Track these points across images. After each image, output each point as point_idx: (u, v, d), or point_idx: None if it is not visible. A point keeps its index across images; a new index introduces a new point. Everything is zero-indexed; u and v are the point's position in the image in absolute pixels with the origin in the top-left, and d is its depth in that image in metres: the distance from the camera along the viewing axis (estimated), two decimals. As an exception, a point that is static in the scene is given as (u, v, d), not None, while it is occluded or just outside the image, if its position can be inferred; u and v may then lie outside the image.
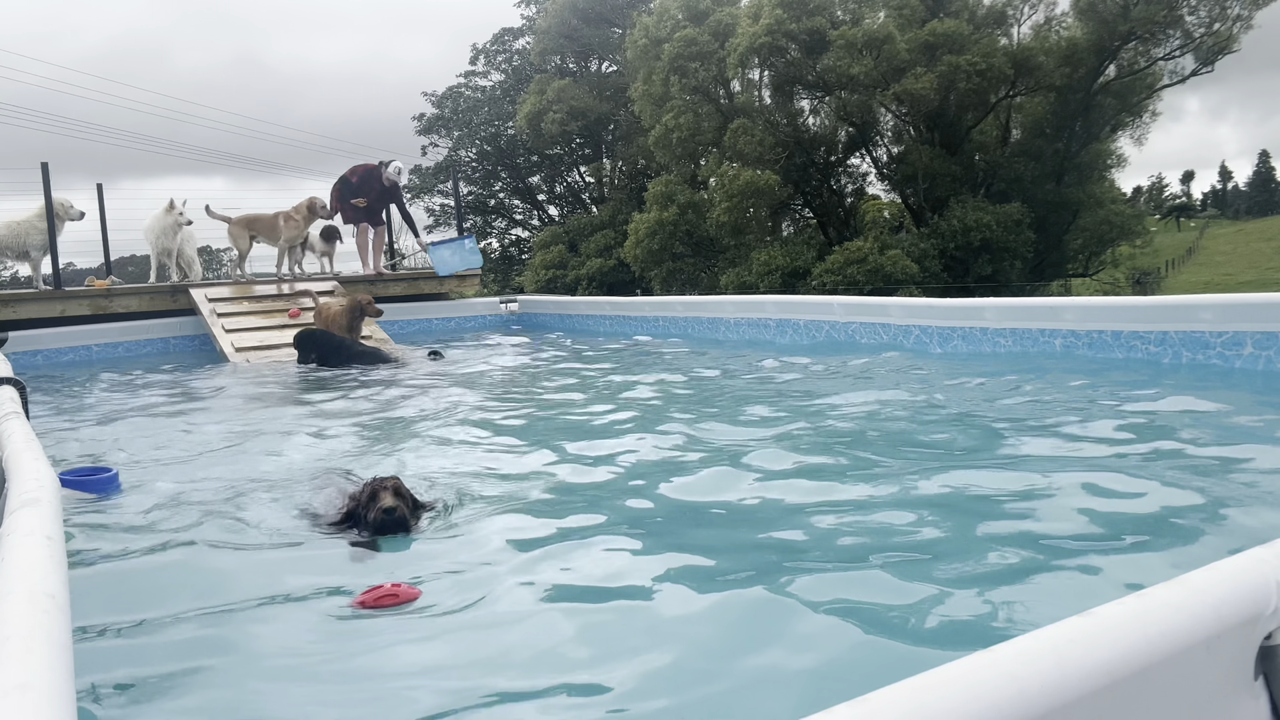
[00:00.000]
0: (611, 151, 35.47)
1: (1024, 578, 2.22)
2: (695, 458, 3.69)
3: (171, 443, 4.72)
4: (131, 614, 2.27)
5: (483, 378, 6.92)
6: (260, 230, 11.26)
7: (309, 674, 1.95)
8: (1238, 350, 5.08)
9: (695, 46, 25.39)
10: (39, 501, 2.00)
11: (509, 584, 2.35)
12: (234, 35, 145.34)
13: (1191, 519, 2.61)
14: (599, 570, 2.44)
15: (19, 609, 1.31)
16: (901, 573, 2.27)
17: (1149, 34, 23.99)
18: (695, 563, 2.45)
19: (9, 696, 1.03)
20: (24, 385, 4.19)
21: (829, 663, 1.87)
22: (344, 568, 2.60)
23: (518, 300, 12.51)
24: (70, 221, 10.36)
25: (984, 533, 2.56)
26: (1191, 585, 1.19)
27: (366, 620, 2.17)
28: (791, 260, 24.14)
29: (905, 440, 3.86)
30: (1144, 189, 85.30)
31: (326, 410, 5.70)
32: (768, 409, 4.73)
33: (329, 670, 1.96)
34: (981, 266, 23.76)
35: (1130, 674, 1.04)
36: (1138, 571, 2.22)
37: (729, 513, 2.96)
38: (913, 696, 0.93)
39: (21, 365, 6.73)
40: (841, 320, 7.55)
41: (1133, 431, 3.70)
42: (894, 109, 25.63)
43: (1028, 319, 6.18)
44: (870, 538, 2.58)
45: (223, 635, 2.15)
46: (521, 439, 4.36)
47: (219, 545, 2.81)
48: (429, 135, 38.38)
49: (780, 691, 1.76)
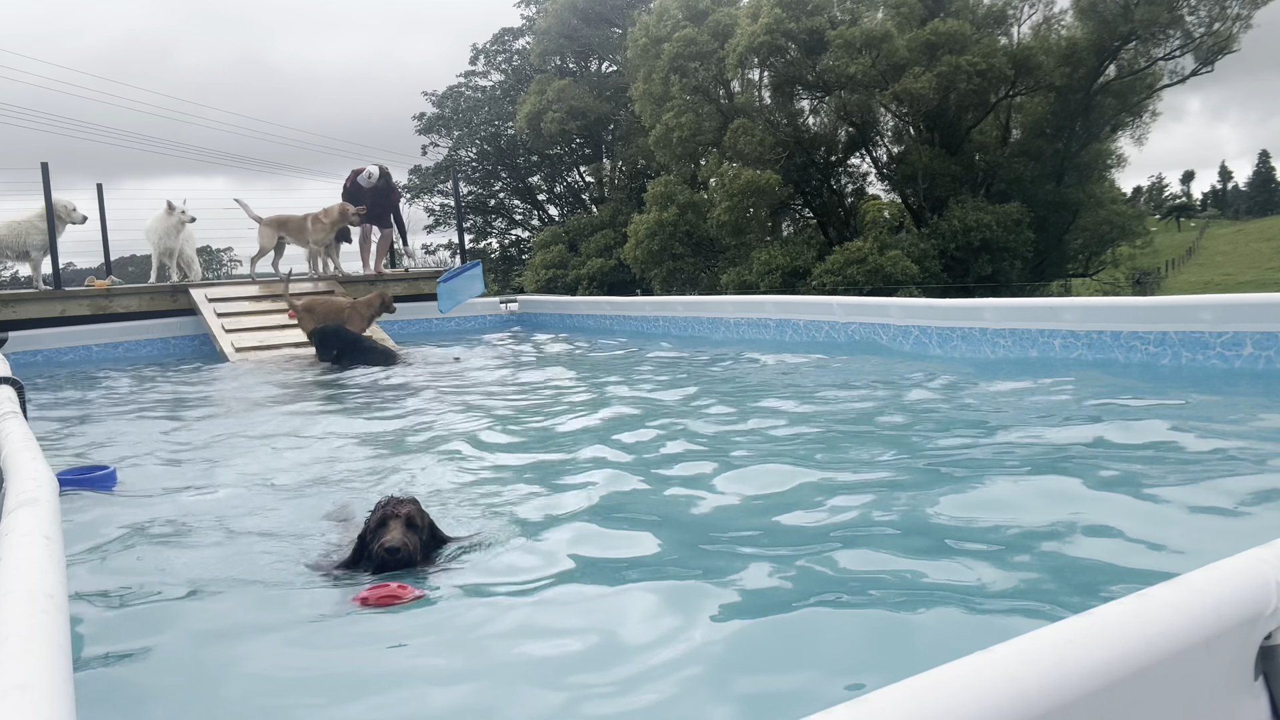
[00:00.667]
0: (611, 151, 35.44)
1: (1023, 578, 2.22)
2: (692, 457, 3.69)
3: (171, 443, 4.72)
4: (131, 614, 2.26)
5: (486, 380, 6.91)
6: (290, 232, 11.27)
7: (310, 674, 1.95)
8: (1237, 350, 5.08)
9: (695, 46, 25.37)
10: (37, 501, 2.00)
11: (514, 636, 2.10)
12: (236, 35, 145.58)
13: (1191, 519, 2.61)
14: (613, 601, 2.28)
15: (18, 609, 1.31)
16: (901, 572, 2.27)
17: (1149, 34, 23.97)
18: (707, 586, 2.31)
19: (8, 696, 1.03)
20: (22, 385, 4.19)
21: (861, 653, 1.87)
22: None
23: (518, 300, 12.50)
24: (73, 225, 10.37)
25: (984, 533, 2.56)
26: (1191, 585, 1.19)
27: (368, 624, 2.16)
28: (792, 260, 24.12)
29: (906, 440, 3.86)
30: (1144, 189, 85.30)
31: (326, 410, 5.69)
32: (788, 412, 4.73)
33: (332, 672, 1.96)
34: (981, 266, 23.75)
35: (1130, 674, 1.04)
36: (1138, 571, 2.22)
37: (763, 532, 2.95)
38: (913, 696, 0.93)
39: (21, 365, 6.73)
40: (841, 320, 7.56)
41: (1132, 431, 3.70)
42: (894, 109, 25.60)
43: (1027, 319, 6.18)
44: (871, 536, 2.58)
45: (222, 636, 2.15)
46: (531, 447, 4.36)
47: (219, 546, 2.81)
48: (429, 135, 38.38)
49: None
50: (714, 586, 2.24)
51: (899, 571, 2.28)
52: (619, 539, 2.70)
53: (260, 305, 10.29)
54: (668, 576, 2.35)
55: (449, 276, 10.44)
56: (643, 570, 2.42)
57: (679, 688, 1.77)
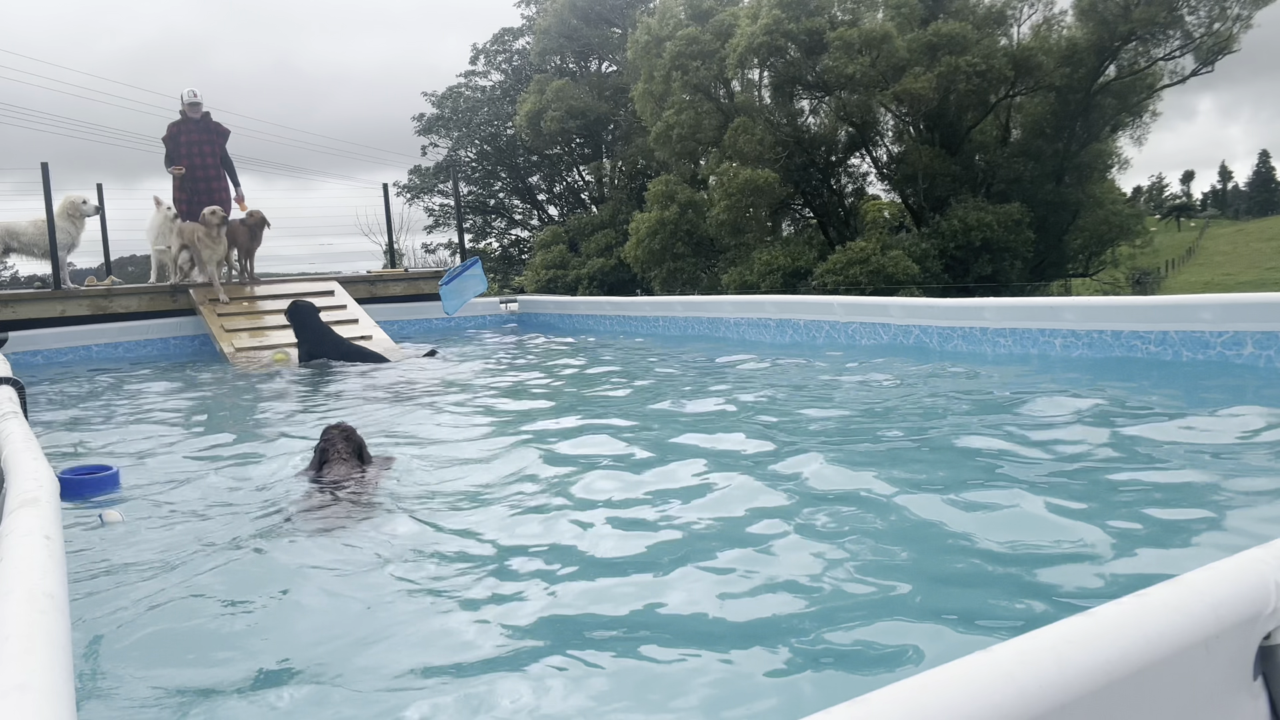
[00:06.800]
0: (611, 151, 35.44)
1: (1021, 578, 2.22)
2: (647, 456, 3.69)
3: (171, 442, 4.72)
4: (131, 614, 2.26)
5: (478, 377, 6.92)
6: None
7: (312, 675, 1.95)
8: (1238, 350, 5.08)
9: (697, 45, 25.38)
10: (38, 501, 2.00)
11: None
12: (247, 37, 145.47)
13: (1191, 519, 2.61)
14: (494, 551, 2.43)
15: (18, 609, 1.31)
16: (898, 574, 2.27)
17: (1149, 34, 23.96)
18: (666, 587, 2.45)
19: (8, 697, 1.03)
20: (22, 385, 4.19)
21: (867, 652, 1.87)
22: (347, 567, 2.59)
23: (518, 300, 12.50)
24: (87, 217, 10.41)
25: (982, 533, 2.56)
26: (1190, 585, 1.19)
27: (383, 618, 2.17)
28: (792, 260, 24.12)
29: (905, 441, 3.86)
30: (1144, 189, 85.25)
31: (327, 410, 5.69)
32: (786, 410, 4.73)
33: (335, 673, 1.96)
34: (982, 266, 23.74)
35: (1129, 674, 1.04)
36: (1137, 571, 2.22)
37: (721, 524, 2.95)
38: (912, 696, 0.93)
39: (21, 365, 6.73)
40: (842, 320, 7.55)
41: (1132, 431, 3.70)
42: (894, 109, 25.60)
43: (1027, 319, 6.18)
44: (864, 534, 2.58)
45: (222, 634, 2.15)
46: (505, 436, 4.36)
47: (219, 545, 2.81)
48: (429, 135, 38.38)
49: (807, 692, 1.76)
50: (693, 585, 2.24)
51: (896, 570, 2.28)
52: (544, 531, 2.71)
53: (260, 305, 10.28)
54: (625, 573, 2.35)
55: (449, 278, 10.38)
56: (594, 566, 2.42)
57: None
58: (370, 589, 2.39)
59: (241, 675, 1.95)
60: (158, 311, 10.47)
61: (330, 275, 12.25)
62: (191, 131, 10.97)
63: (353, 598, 2.34)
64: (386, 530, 2.89)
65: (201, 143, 11.00)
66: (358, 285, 11.58)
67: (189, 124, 10.97)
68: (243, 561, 2.67)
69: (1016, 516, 2.66)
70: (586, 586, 2.34)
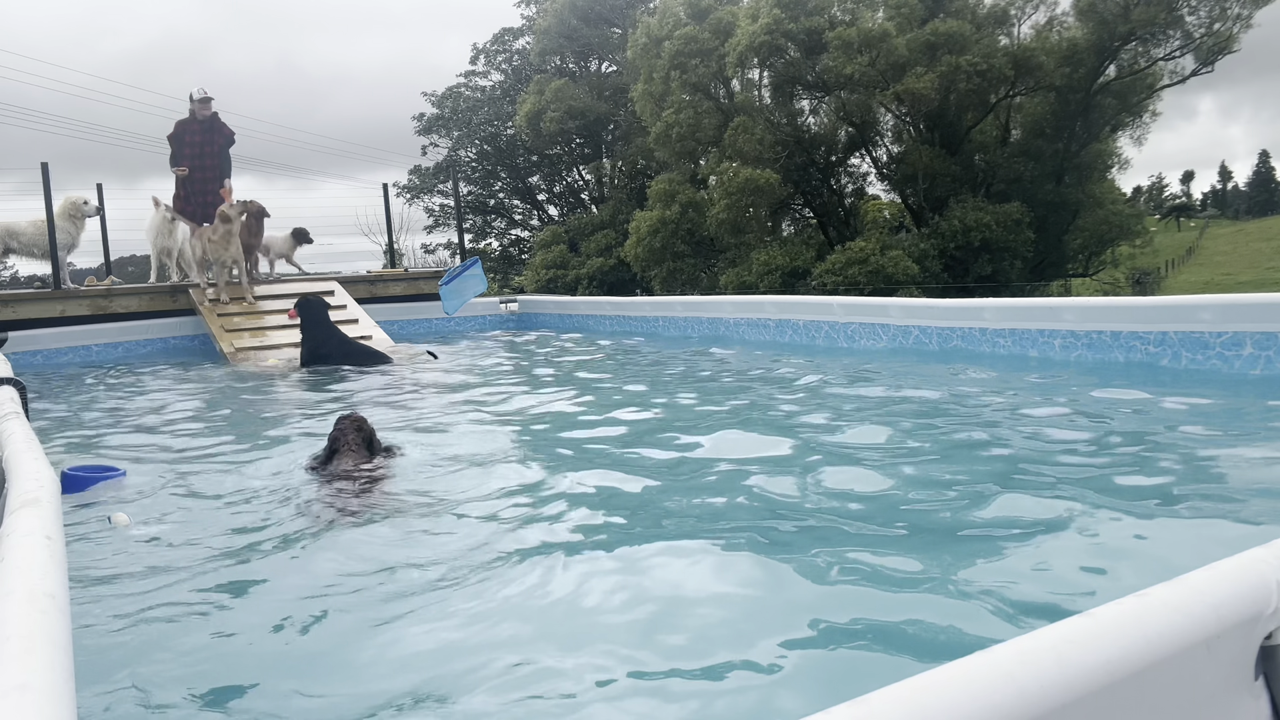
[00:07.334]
0: (611, 151, 35.43)
1: (1020, 578, 2.22)
2: (668, 440, 3.69)
3: (171, 442, 4.72)
4: (132, 614, 2.26)
5: (477, 377, 6.92)
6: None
7: (313, 675, 1.95)
8: (1237, 350, 5.08)
9: (696, 44, 25.38)
10: (39, 501, 2.00)
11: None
12: (247, 38, 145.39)
13: (1191, 518, 2.61)
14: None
15: (18, 609, 1.31)
16: (898, 573, 2.27)
17: (1149, 34, 23.96)
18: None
19: (8, 697, 1.03)
20: (24, 385, 4.19)
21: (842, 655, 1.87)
22: (348, 566, 2.59)
23: (518, 300, 12.50)
24: (87, 218, 10.41)
25: (980, 533, 2.56)
26: (1191, 585, 1.19)
27: (388, 631, 2.16)
28: (792, 260, 24.11)
29: (906, 440, 3.86)
30: (1144, 189, 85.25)
31: (325, 410, 5.69)
32: (783, 409, 4.73)
33: (337, 673, 1.96)
34: (981, 266, 23.74)
35: (1130, 674, 1.04)
36: (1137, 571, 2.22)
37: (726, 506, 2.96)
38: (912, 696, 0.93)
39: (21, 365, 6.73)
40: (841, 320, 7.55)
41: (1132, 431, 3.70)
42: (894, 109, 25.60)
43: (1027, 319, 6.18)
44: (860, 533, 2.58)
45: (223, 634, 2.15)
46: (505, 436, 4.36)
47: (220, 544, 2.81)
48: (429, 135, 38.37)
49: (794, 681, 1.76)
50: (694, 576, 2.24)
51: (892, 569, 2.28)
52: (552, 531, 2.72)
53: (260, 305, 10.28)
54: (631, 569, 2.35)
55: (449, 278, 10.36)
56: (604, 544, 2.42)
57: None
58: (370, 588, 2.39)
59: (244, 675, 1.95)
60: (158, 311, 10.47)
61: (330, 275, 12.25)
62: (197, 132, 11.04)
63: (354, 597, 2.34)
64: (386, 529, 2.89)
65: (205, 144, 11.06)
66: (358, 285, 11.58)
67: (196, 123, 11.03)
68: (245, 561, 2.67)
69: (1016, 516, 2.66)
70: (587, 586, 2.34)
